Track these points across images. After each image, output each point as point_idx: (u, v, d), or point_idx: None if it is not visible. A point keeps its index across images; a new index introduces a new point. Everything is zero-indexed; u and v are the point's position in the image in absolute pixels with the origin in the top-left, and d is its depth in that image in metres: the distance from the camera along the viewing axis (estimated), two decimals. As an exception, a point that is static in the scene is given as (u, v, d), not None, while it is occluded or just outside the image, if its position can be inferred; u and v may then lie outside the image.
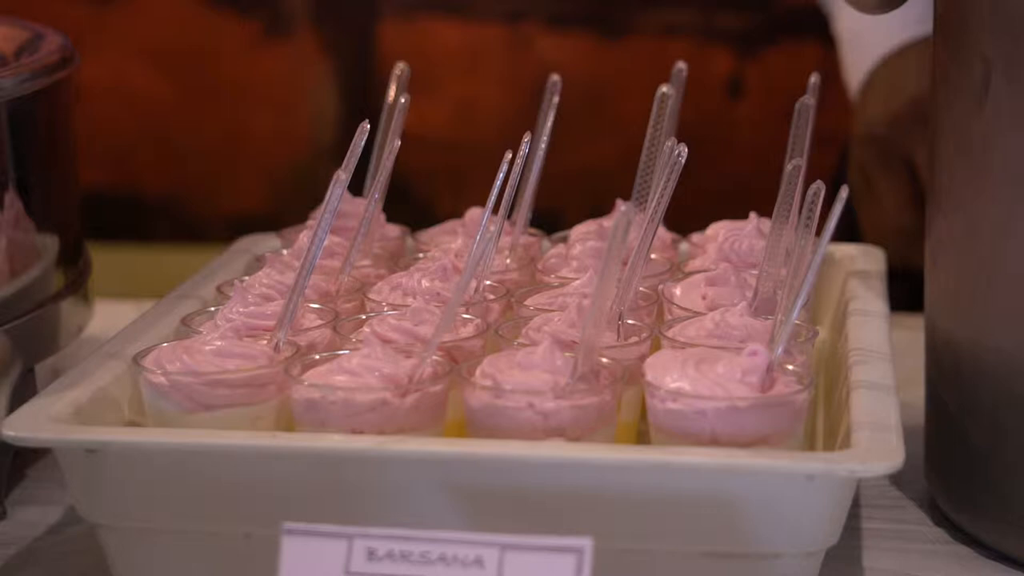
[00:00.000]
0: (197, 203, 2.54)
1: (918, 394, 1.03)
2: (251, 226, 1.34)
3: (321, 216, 0.96)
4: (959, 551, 0.97)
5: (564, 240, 1.14)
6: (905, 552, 0.97)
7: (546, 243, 1.18)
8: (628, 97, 2.34)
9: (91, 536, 0.90)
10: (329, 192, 0.96)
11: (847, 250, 1.19)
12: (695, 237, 1.17)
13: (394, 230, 1.19)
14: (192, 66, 2.50)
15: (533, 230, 1.16)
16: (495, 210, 0.98)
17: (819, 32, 1.75)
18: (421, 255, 1.13)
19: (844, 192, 0.87)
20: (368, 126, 1.00)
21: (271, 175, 2.51)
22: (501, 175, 0.97)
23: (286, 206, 2.45)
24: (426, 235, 1.19)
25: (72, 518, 0.98)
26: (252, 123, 2.50)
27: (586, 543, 0.73)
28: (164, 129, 2.52)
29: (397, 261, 1.13)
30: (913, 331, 1.06)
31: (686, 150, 0.96)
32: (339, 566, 0.74)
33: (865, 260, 1.18)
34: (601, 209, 1.19)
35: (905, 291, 1.16)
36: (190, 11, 2.48)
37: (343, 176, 0.97)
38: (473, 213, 1.15)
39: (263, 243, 1.21)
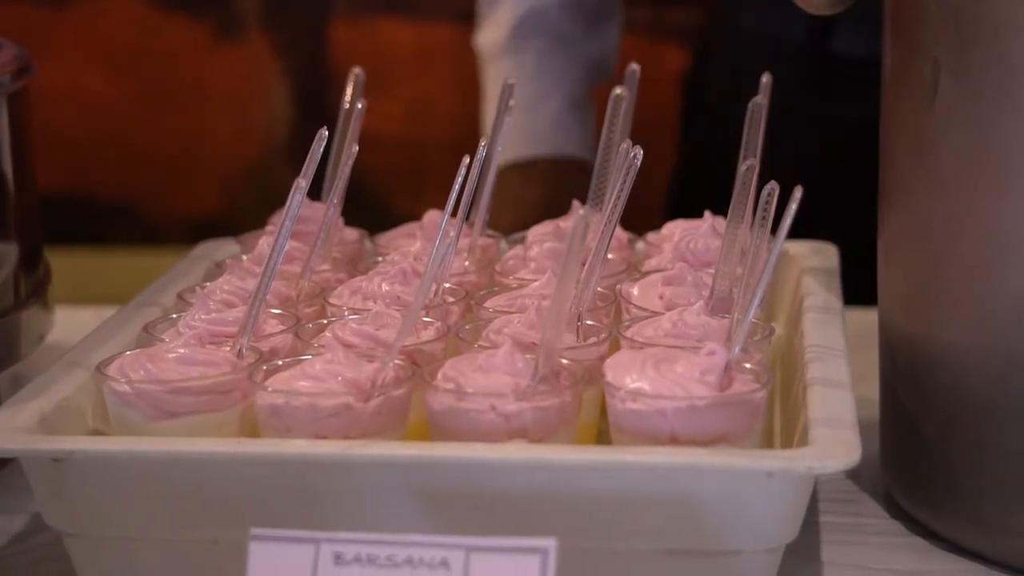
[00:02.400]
0: (153, 206, 2.53)
1: (873, 387, 1.04)
2: (208, 228, 1.34)
3: (282, 224, 0.96)
4: (915, 543, 0.98)
5: (522, 241, 1.15)
6: (862, 545, 0.98)
7: (504, 244, 1.18)
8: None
9: (58, 544, 0.91)
10: (289, 200, 0.97)
11: (801, 247, 1.20)
12: (651, 236, 1.17)
13: (352, 234, 1.19)
14: (145, 70, 2.49)
15: (491, 231, 1.17)
16: (453, 213, 0.99)
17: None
18: (380, 259, 1.14)
19: (798, 192, 0.88)
20: (326, 133, 1.00)
21: (227, 177, 2.51)
22: (458, 180, 0.98)
23: (243, 208, 2.45)
24: (384, 238, 1.19)
25: (39, 526, 0.98)
26: (206, 126, 2.50)
27: (550, 543, 0.74)
28: (118, 133, 2.51)
29: (356, 265, 1.13)
30: (868, 326, 1.07)
31: (641, 152, 0.97)
32: (306, 570, 0.75)
33: (819, 257, 1.18)
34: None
35: (856, 286, 1.17)
36: (141, 15, 2.47)
37: (303, 184, 0.97)
38: (431, 215, 1.16)
39: (222, 249, 1.22)
